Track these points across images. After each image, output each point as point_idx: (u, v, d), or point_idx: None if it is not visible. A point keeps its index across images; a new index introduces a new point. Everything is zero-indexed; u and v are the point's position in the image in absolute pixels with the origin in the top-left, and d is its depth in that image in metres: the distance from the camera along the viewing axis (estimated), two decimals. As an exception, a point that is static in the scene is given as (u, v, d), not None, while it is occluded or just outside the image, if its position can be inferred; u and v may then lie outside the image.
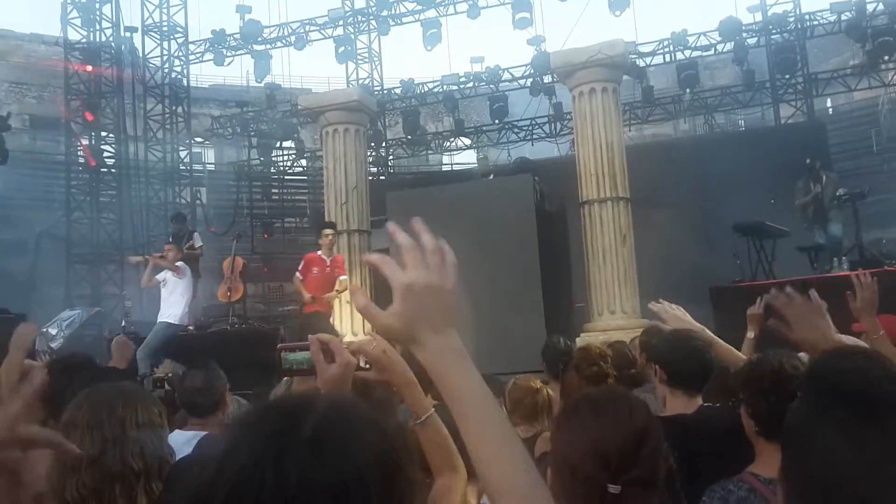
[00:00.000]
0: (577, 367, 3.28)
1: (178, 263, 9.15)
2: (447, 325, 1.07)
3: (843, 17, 16.12)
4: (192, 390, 3.27)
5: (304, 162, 21.13)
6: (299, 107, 13.61)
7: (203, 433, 2.97)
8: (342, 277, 9.31)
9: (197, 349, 8.83)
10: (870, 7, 16.03)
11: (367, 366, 1.75)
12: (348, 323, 10.66)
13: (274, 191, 20.58)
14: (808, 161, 10.10)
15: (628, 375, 3.55)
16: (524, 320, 9.97)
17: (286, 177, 21.22)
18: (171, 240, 10.25)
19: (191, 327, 10.09)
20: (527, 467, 1.04)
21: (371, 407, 0.96)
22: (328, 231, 9.50)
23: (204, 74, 22.91)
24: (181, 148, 19.55)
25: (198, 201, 19.59)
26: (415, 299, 1.05)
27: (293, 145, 20.25)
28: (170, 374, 7.93)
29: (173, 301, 9.00)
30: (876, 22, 15.94)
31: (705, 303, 7.84)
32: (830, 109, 20.05)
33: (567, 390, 3.44)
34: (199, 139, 22.18)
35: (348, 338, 10.39)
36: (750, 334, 3.86)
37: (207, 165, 23.13)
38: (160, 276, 9.09)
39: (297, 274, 9.32)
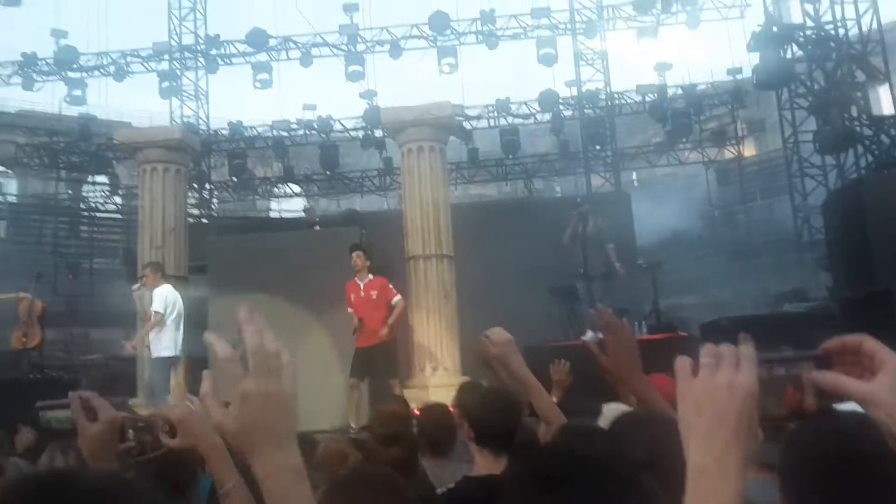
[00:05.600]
0: (370, 427, 3.25)
1: None
2: (288, 437, 1.01)
3: (648, 98, 17.77)
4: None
5: (118, 199, 19.95)
6: (115, 141, 12.91)
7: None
8: (395, 300, 8.57)
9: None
10: (670, 91, 17.80)
11: (164, 425, 1.66)
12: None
13: (83, 228, 19.24)
14: (578, 199, 10.53)
15: (443, 436, 3.58)
16: (347, 375, 9.89)
17: (97, 214, 19.90)
18: None
19: None
20: None
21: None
22: (354, 252, 8.80)
23: (10, 98, 21.17)
24: (-23, 176, 17.87)
25: (-7, 235, 17.89)
26: (253, 408, 0.98)
27: (107, 181, 19.10)
28: None
29: None
30: (676, 105, 17.70)
31: (520, 360, 8.14)
32: (636, 182, 21.81)
33: (364, 452, 3.41)
34: (0, 167, 20.37)
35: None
36: (553, 399, 4.01)
37: (9, 197, 21.22)
38: None
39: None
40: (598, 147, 17.90)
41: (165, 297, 8.53)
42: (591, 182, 18.23)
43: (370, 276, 8.78)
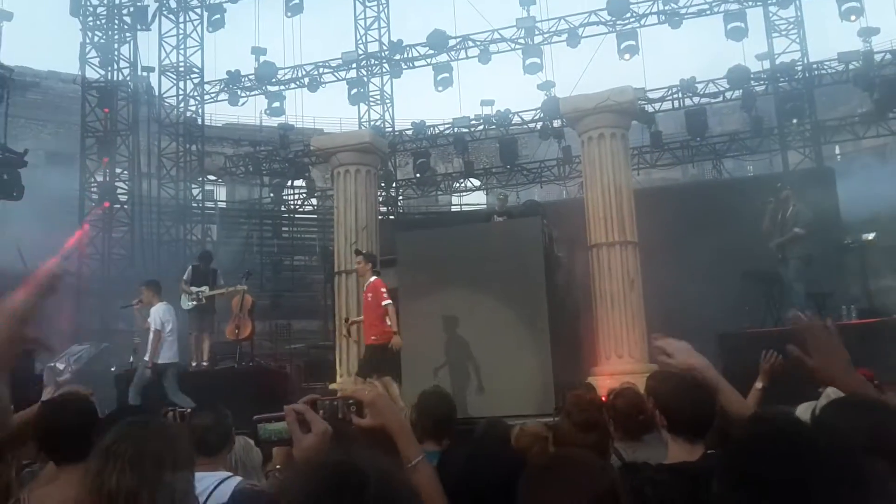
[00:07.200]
0: (567, 413, 3.24)
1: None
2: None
3: (851, 67, 16.29)
4: (202, 428, 3.28)
5: (314, 201, 21.31)
6: (312, 147, 13.77)
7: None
8: (384, 303, 8.63)
9: (204, 386, 8.82)
10: (877, 57, 16.21)
11: (352, 406, 1.77)
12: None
13: (284, 229, 20.73)
14: (778, 185, 9.89)
15: (636, 422, 3.52)
16: (532, 363, 9.94)
17: (296, 215, 21.36)
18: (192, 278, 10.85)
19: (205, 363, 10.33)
20: None
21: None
22: (356, 258, 9.36)
23: (218, 113, 23.15)
24: (193, 186, 19.77)
25: (208, 238, 19.72)
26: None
27: (304, 184, 20.46)
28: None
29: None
30: (884, 71, 16.09)
31: (712, 348, 7.82)
32: (839, 156, 20.11)
33: (558, 437, 3.41)
34: (211, 177, 22.40)
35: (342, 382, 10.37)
36: (758, 384, 3.80)
37: (219, 203, 23.29)
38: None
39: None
40: (794, 121, 16.71)
41: (161, 315, 9.02)
42: (789, 159, 17.05)
43: (371, 279, 9.04)
